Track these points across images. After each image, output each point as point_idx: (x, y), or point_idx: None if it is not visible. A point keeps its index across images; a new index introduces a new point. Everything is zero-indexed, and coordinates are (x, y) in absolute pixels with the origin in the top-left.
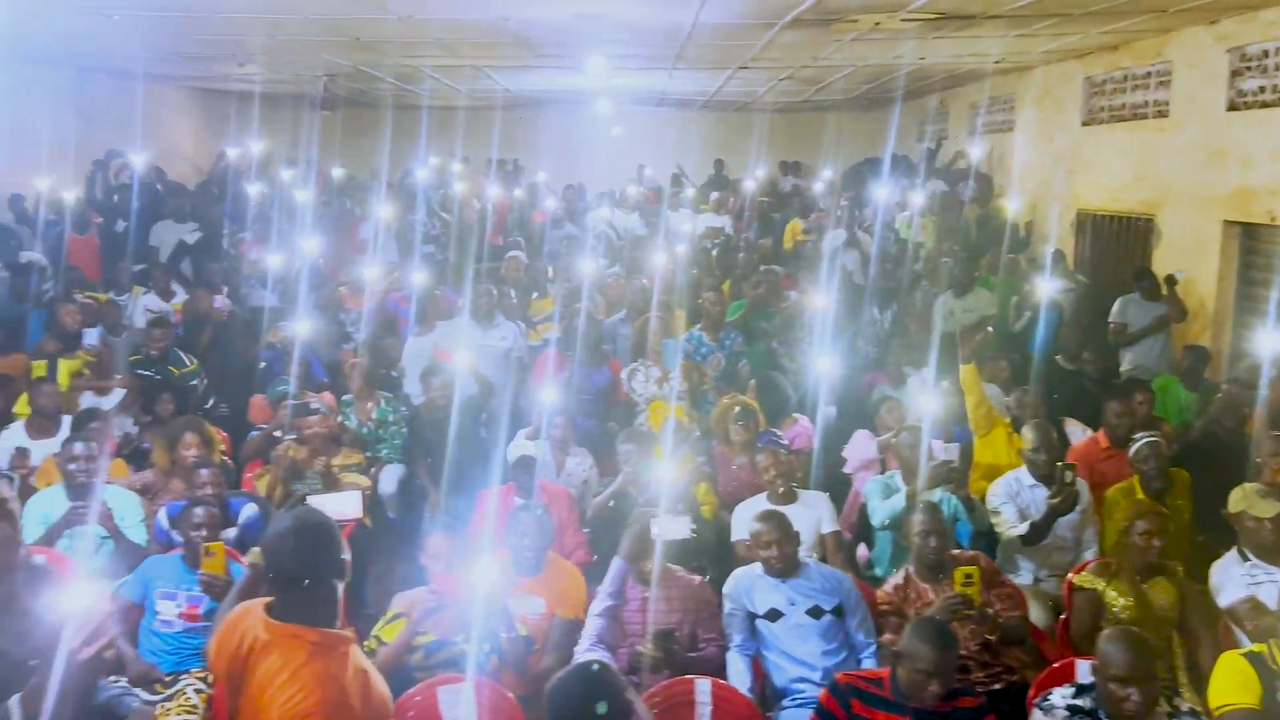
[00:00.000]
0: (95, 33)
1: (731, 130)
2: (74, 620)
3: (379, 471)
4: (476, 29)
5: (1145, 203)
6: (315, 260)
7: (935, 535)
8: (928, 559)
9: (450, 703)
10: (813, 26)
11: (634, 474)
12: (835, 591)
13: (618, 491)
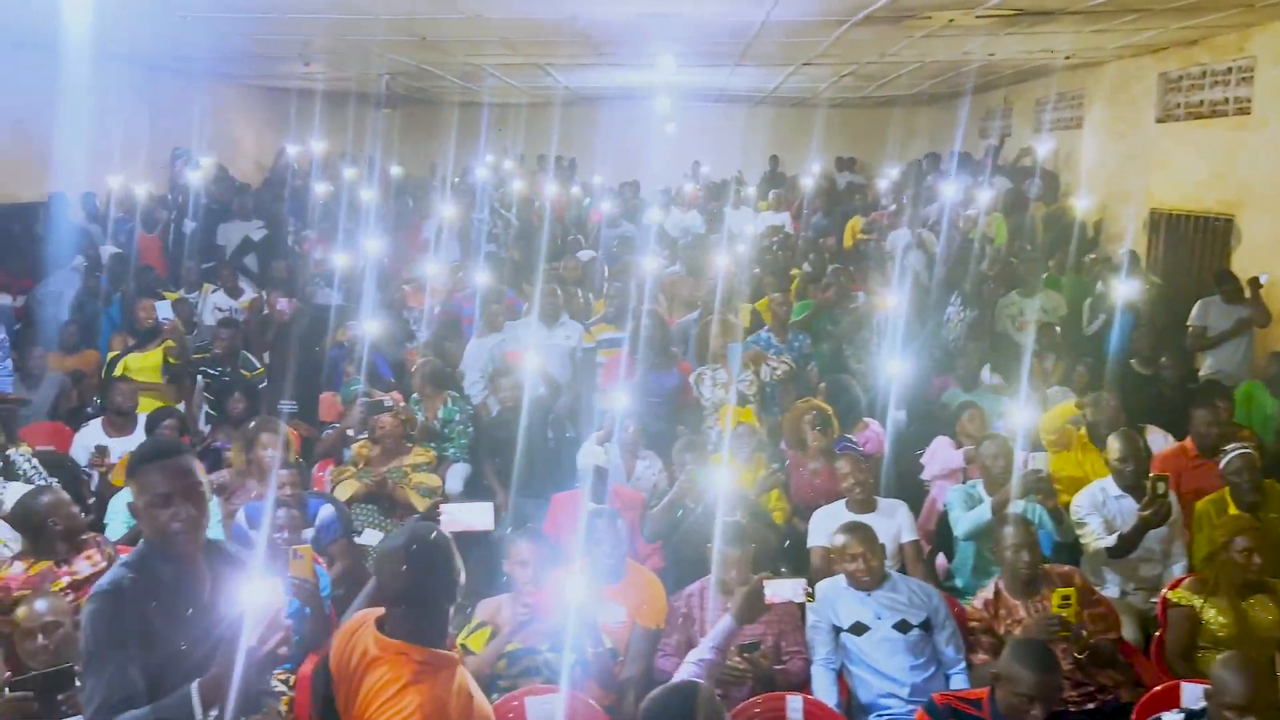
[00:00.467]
0: (168, 33)
1: (786, 126)
2: (254, 612)
3: (444, 471)
4: (543, 27)
5: (1224, 202)
6: (380, 259)
7: (1028, 550)
8: (1020, 574)
9: (540, 714)
10: (884, 23)
11: (689, 483)
12: (923, 605)
13: (674, 501)
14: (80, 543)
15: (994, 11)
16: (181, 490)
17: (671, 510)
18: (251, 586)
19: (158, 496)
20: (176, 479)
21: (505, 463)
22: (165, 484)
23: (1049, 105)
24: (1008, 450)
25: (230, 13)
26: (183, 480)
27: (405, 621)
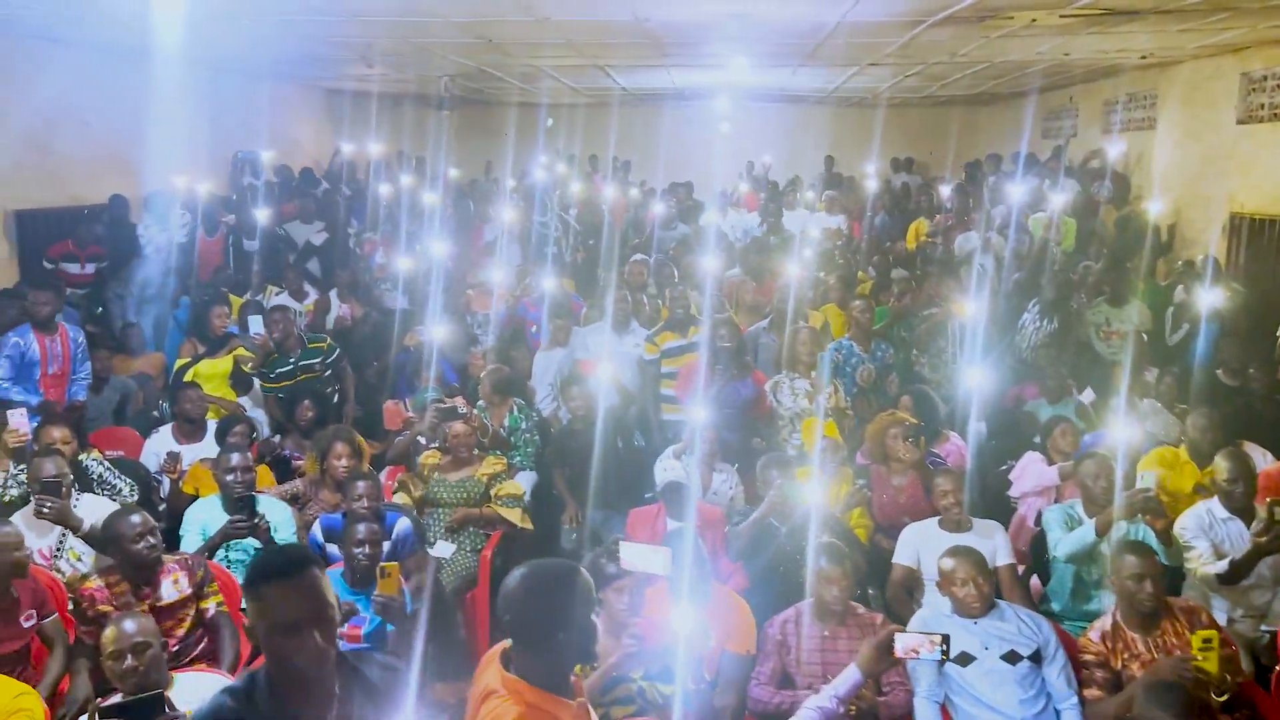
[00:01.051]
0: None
1: (841, 126)
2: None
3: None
4: (612, 29)
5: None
6: (443, 262)
7: (1151, 580)
8: (1142, 606)
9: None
10: (963, 23)
11: (780, 499)
12: (1033, 636)
13: (763, 518)
14: (164, 569)
15: (1080, 11)
16: (311, 616)
17: (760, 527)
18: None
19: (282, 624)
20: (306, 602)
21: (574, 473)
22: (292, 608)
23: (1119, 106)
24: (1109, 468)
25: (312, 15)
26: (313, 603)
27: (522, 658)
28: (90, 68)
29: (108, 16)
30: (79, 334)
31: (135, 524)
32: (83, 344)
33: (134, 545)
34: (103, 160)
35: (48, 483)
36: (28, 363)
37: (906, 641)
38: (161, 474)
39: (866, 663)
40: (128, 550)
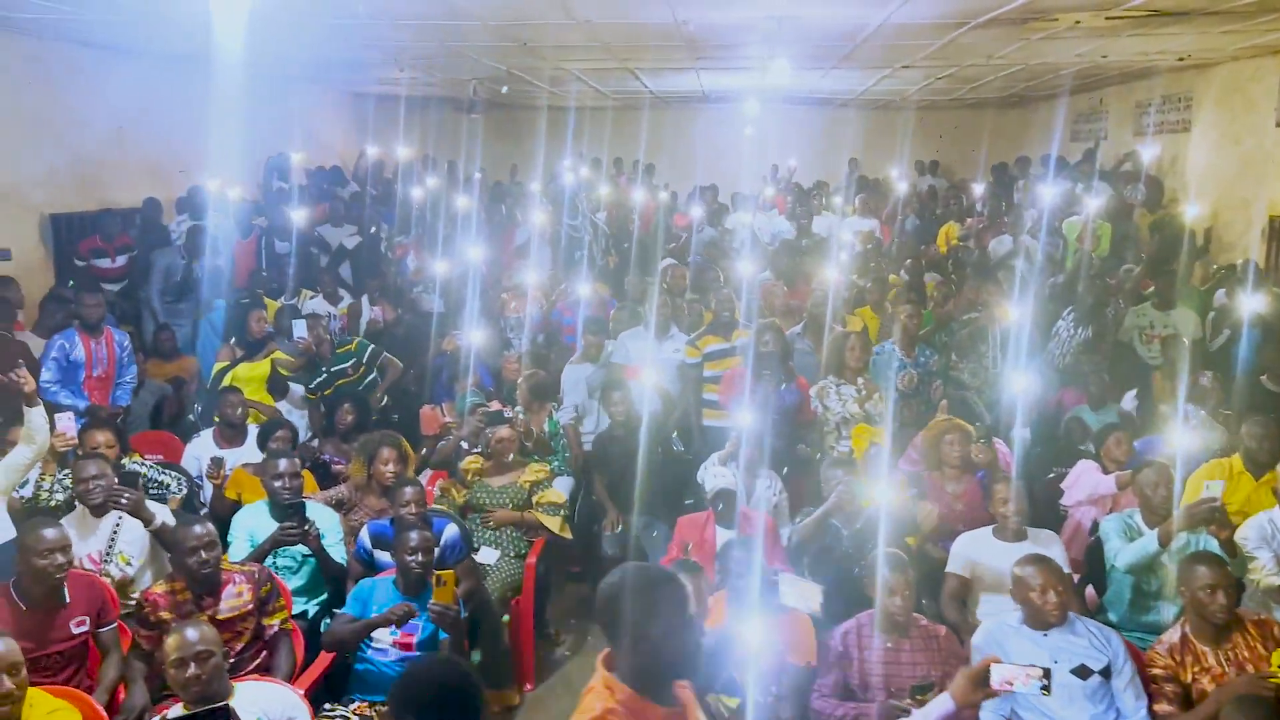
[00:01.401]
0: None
1: (865, 128)
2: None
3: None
4: (650, 32)
5: None
6: (479, 265)
7: (1224, 592)
8: (1214, 618)
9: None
10: (1006, 25)
11: (847, 498)
12: (1103, 649)
13: (823, 519)
14: (225, 580)
15: (1127, 13)
16: None
17: (821, 527)
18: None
19: None
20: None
21: (614, 479)
22: None
23: (1152, 108)
24: (1169, 477)
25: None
26: None
27: (618, 659)
28: (123, 73)
29: (161, 23)
30: (124, 337)
31: (196, 534)
32: (128, 347)
33: (189, 558)
34: (135, 164)
35: (127, 474)
36: (73, 365)
37: (1003, 673)
38: (202, 478)
39: (961, 693)
40: (184, 561)
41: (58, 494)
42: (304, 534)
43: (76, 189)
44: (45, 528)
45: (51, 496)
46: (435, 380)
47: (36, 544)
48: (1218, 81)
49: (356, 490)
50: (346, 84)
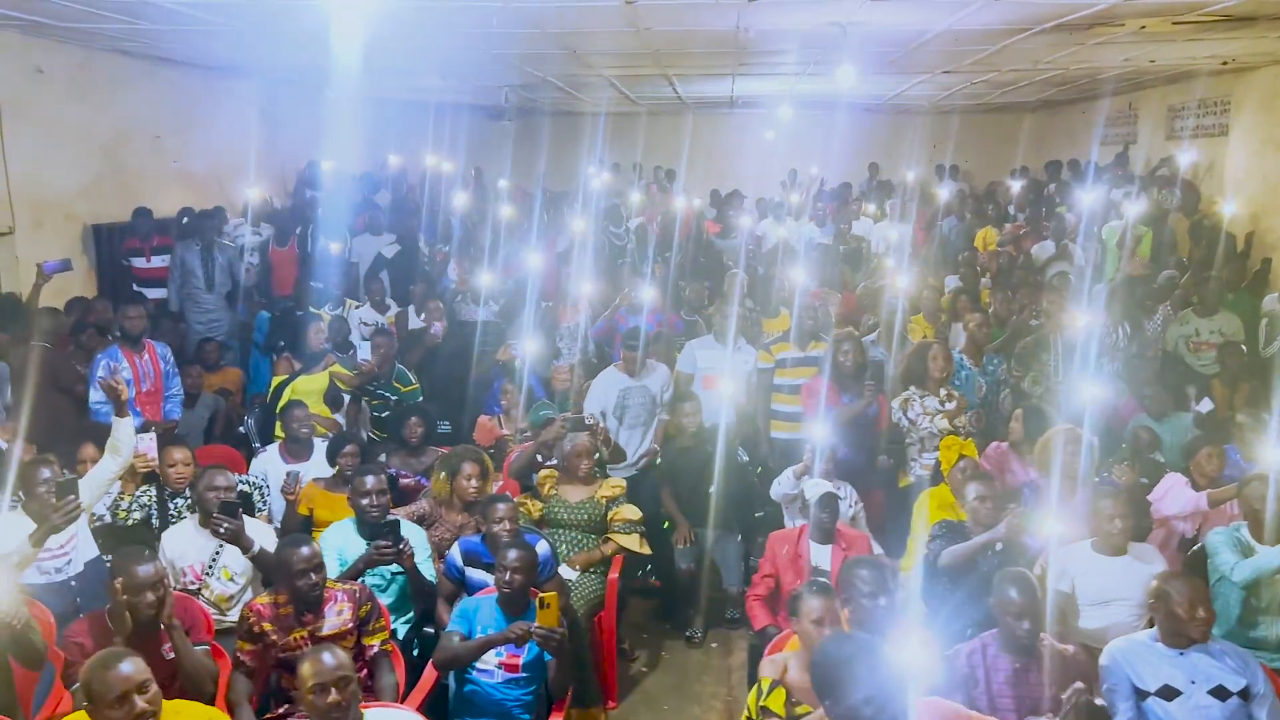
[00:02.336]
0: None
1: (885, 133)
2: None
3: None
4: (707, 40)
5: None
6: (528, 275)
7: None
8: None
9: None
10: (1065, 30)
11: (1018, 529)
12: (1242, 671)
13: (984, 546)
14: (328, 597)
15: (1201, 17)
16: None
17: (982, 550)
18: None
19: None
20: None
21: (684, 492)
22: None
23: (1186, 112)
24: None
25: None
26: None
27: None
28: (162, 81)
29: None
30: (167, 350)
31: (304, 556)
32: (172, 360)
33: (298, 580)
34: (170, 173)
35: (227, 503)
36: None
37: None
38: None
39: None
40: (293, 583)
41: (135, 513)
42: (399, 552)
43: (118, 198)
44: (139, 564)
45: (129, 516)
46: (487, 391)
47: (131, 581)
48: (1259, 86)
49: (437, 506)
50: (371, 91)
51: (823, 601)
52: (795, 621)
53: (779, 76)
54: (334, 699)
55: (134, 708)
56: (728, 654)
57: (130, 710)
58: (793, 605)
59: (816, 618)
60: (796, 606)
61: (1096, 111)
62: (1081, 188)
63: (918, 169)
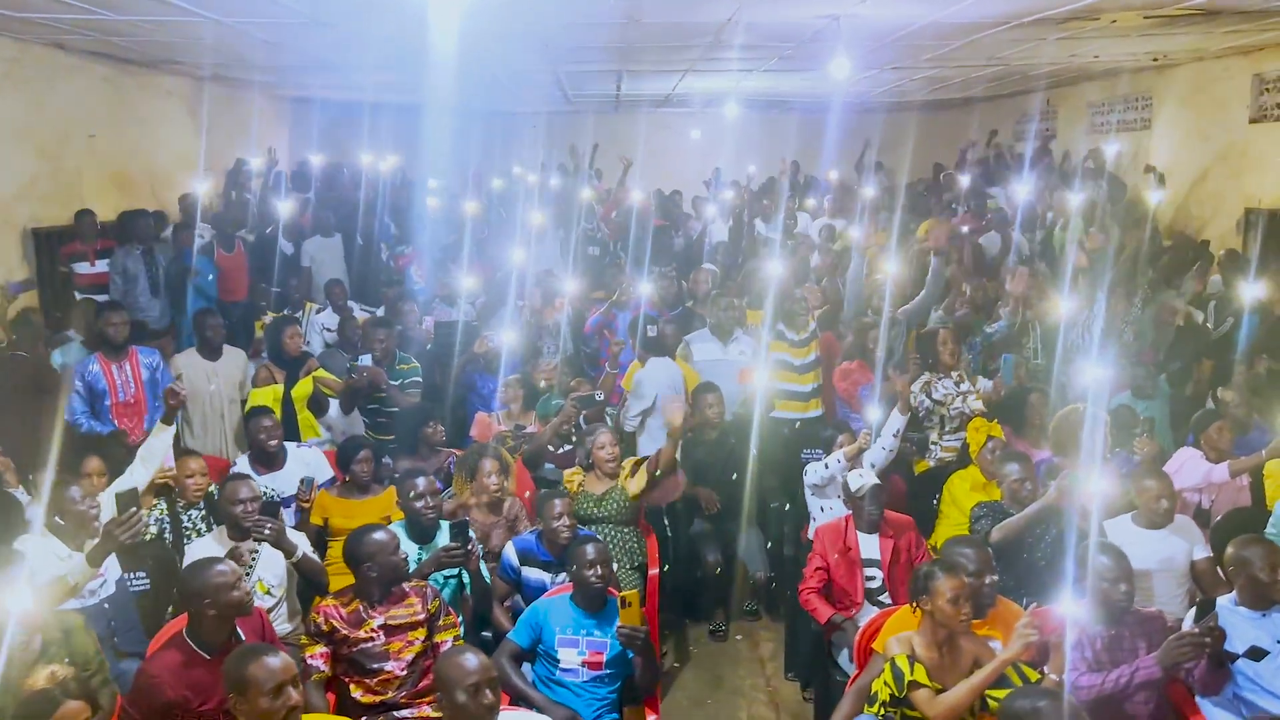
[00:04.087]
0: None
1: (807, 131)
2: None
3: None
4: (689, 31)
5: None
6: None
7: None
8: None
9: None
10: (1039, 25)
11: (1066, 491)
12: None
13: (1036, 517)
14: (398, 592)
15: (1166, 12)
16: None
17: (1031, 522)
18: None
19: None
20: None
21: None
22: None
23: (1107, 107)
24: None
25: None
26: None
27: None
28: (93, 78)
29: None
30: (154, 357)
31: (382, 539)
32: (158, 366)
33: (382, 558)
34: (109, 175)
35: (269, 504)
36: (97, 394)
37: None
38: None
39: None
40: (377, 564)
41: (151, 527)
42: (468, 554)
43: (58, 201)
44: (216, 565)
45: (146, 531)
46: (471, 388)
47: (214, 579)
48: (1181, 81)
49: (461, 508)
50: (288, 91)
51: (957, 581)
52: (926, 600)
53: (727, 74)
54: (490, 700)
55: (289, 699)
56: (754, 646)
57: (285, 701)
58: (924, 585)
59: (952, 596)
60: (929, 586)
61: (1011, 108)
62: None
63: (841, 167)
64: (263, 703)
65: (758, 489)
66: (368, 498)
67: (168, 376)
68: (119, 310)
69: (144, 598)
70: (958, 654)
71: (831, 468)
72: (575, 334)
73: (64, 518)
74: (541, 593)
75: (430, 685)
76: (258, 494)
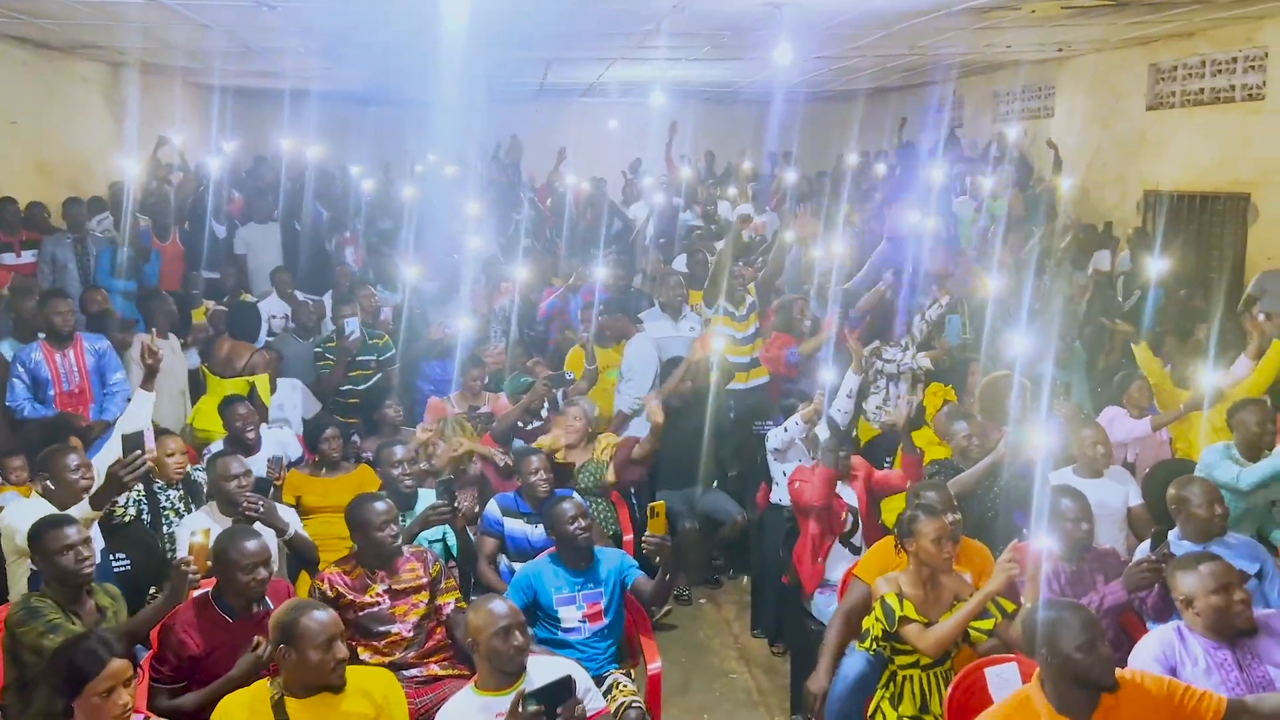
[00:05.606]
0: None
1: (713, 122)
2: None
3: None
4: (637, 18)
5: (1238, 182)
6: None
7: None
8: None
9: (999, 683)
10: (964, 14)
11: (1018, 445)
12: (1254, 556)
13: (988, 471)
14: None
15: (1081, 3)
16: None
17: (983, 477)
18: None
19: None
20: None
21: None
22: None
23: (1009, 95)
24: (1271, 414)
25: None
26: None
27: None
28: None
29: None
30: (99, 342)
31: (381, 510)
32: (106, 352)
33: (379, 533)
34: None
35: (261, 480)
36: (40, 383)
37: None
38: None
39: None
40: (373, 537)
41: (130, 509)
42: (454, 510)
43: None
44: (246, 539)
45: (125, 511)
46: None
47: (240, 559)
48: (1083, 70)
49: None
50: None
51: (939, 523)
52: (911, 542)
53: (654, 63)
54: (520, 642)
55: (338, 652)
56: (718, 608)
57: (335, 654)
58: (908, 529)
59: (935, 537)
60: (913, 529)
61: (919, 98)
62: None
63: (753, 157)
64: (313, 655)
65: (716, 457)
66: (339, 475)
67: (114, 362)
68: (64, 299)
69: (124, 578)
70: (940, 590)
71: (790, 430)
72: (522, 319)
73: (55, 484)
74: (524, 545)
75: (437, 645)
76: (249, 470)
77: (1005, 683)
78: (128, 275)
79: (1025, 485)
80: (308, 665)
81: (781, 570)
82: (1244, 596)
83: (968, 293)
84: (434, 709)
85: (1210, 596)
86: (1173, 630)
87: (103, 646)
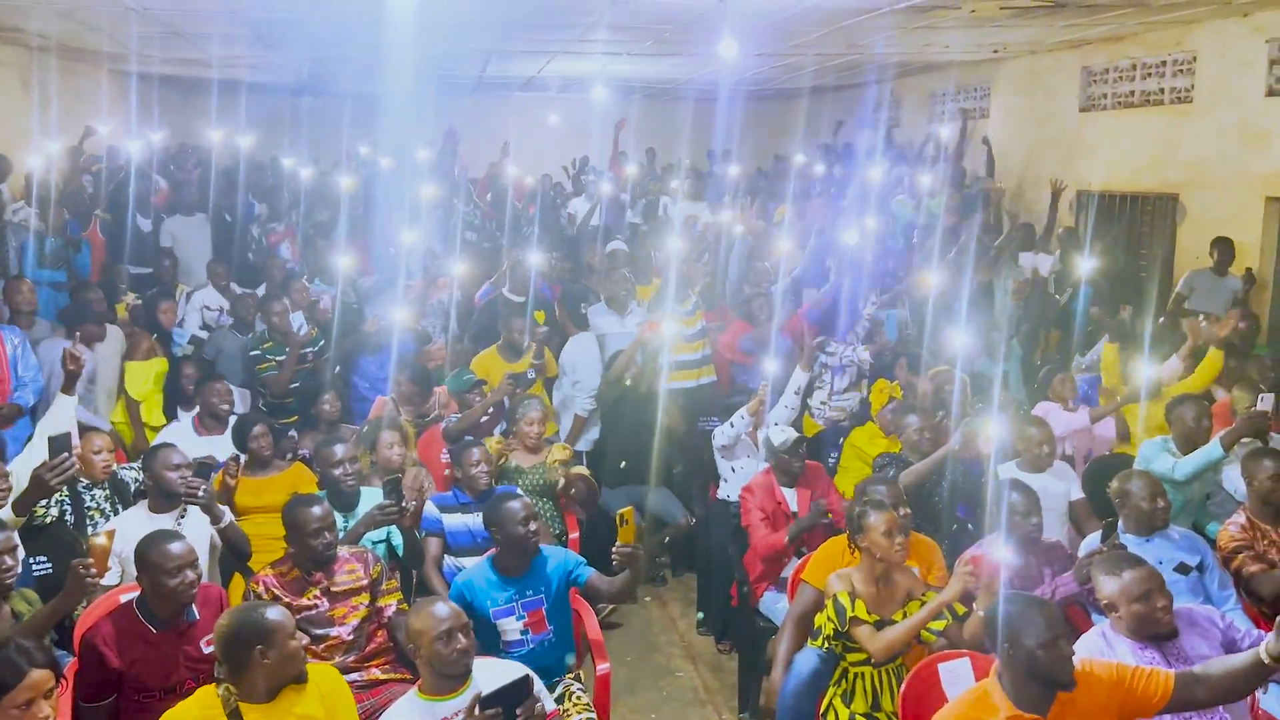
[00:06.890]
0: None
1: (651, 118)
2: None
3: None
4: (580, 9)
5: (1166, 183)
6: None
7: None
8: (1276, 501)
9: (952, 679)
10: (906, 13)
11: (972, 436)
12: (1194, 548)
13: (940, 462)
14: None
15: (1020, 4)
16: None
17: (937, 468)
18: None
19: None
20: None
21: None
22: None
23: (948, 96)
24: (1207, 410)
25: None
26: None
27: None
28: None
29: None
30: (14, 333)
31: (317, 515)
32: (22, 344)
33: (313, 540)
34: None
35: (203, 465)
36: None
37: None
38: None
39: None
40: (306, 543)
41: (52, 509)
42: (402, 510)
43: None
44: (169, 542)
45: (46, 513)
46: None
47: (164, 561)
48: (1017, 72)
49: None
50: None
51: (889, 515)
52: (862, 537)
53: (594, 57)
54: (464, 644)
55: (301, 639)
56: (664, 606)
57: (299, 641)
58: (858, 524)
59: (886, 530)
60: (863, 524)
61: (856, 98)
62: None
63: (694, 154)
64: (290, 645)
65: (663, 455)
66: (270, 474)
67: (29, 355)
68: None
69: (45, 581)
70: (894, 588)
71: (737, 426)
72: (461, 314)
73: None
74: (465, 539)
75: (378, 648)
76: (189, 459)
77: (958, 678)
78: (55, 266)
79: (971, 480)
80: (285, 657)
81: (728, 567)
82: (1165, 603)
83: (908, 290)
84: (376, 714)
85: (1132, 604)
86: (1098, 634)
87: (22, 656)
